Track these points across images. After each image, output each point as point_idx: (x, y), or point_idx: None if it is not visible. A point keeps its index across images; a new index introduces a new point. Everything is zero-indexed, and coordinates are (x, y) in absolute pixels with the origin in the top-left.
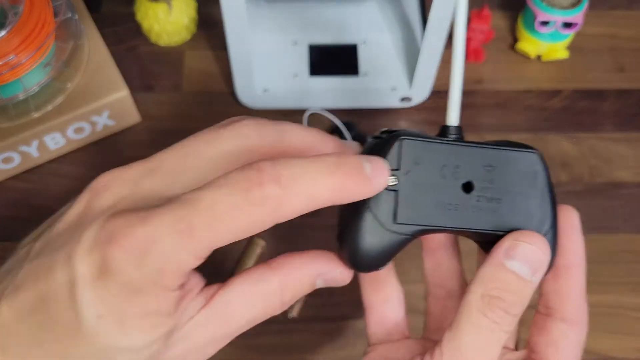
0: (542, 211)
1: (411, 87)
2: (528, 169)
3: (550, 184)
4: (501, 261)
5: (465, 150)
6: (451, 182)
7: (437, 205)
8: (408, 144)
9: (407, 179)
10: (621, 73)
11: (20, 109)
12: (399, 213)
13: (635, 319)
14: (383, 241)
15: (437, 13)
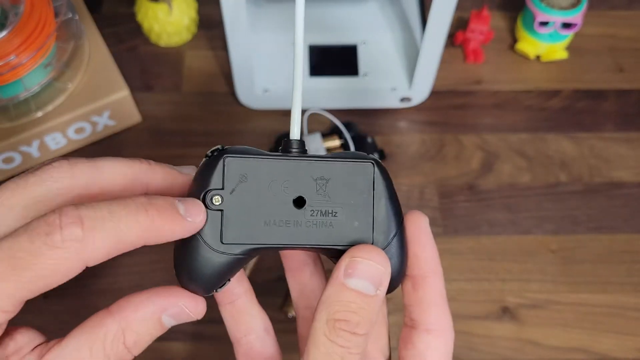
0: (384, 221)
1: (411, 88)
2: (364, 180)
3: (391, 192)
4: (341, 281)
5: (296, 164)
6: (281, 197)
7: (266, 222)
8: (232, 161)
9: (233, 198)
10: (621, 73)
11: (21, 109)
12: (225, 233)
13: (635, 319)
14: (213, 263)
15: (436, 14)
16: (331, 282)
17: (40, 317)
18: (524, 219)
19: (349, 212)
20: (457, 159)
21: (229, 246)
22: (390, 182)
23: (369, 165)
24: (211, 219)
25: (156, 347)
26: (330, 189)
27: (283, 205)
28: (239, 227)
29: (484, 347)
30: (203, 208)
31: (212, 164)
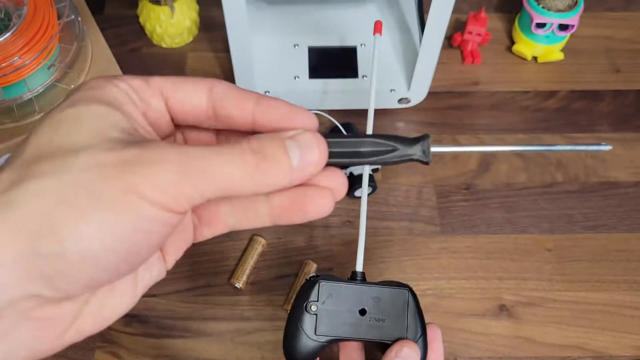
0: (414, 326)
1: (409, 89)
2: (401, 299)
3: (418, 309)
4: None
5: (361, 289)
6: (352, 308)
7: (342, 323)
8: (324, 284)
9: (323, 307)
10: (617, 74)
11: (25, 109)
12: (318, 328)
13: (631, 317)
14: (307, 346)
15: (434, 16)
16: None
17: None
18: (521, 218)
19: (393, 319)
20: (454, 159)
21: (320, 337)
22: (418, 301)
23: (405, 291)
24: (310, 319)
25: (157, 344)
26: (381, 304)
27: (352, 313)
28: (326, 325)
29: (481, 344)
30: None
31: (312, 285)
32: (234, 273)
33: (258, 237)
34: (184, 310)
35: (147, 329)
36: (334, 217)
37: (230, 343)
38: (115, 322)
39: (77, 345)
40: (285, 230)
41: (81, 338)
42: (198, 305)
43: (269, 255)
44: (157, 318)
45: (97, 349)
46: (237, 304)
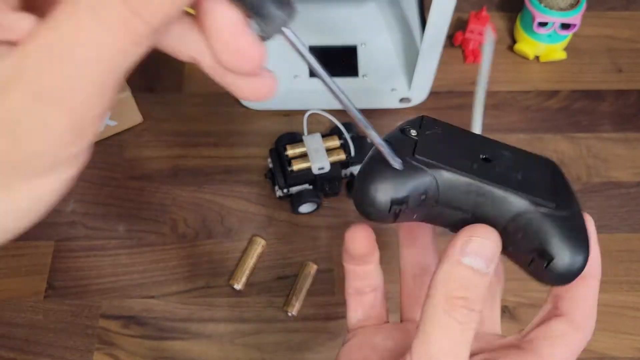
0: (565, 196)
1: (410, 88)
2: (545, 169)
3: (569, 185)
4: (457, 258)
5: (487, 141)
6: (470, 151)
7: (456, 156)
8: (429, 120)
9: (427, 136)
10: (619, 74)
11: None
12: (418, 149)
13: (633, 317)
14: (399, 172)
15: (436, 15)
16: (446, 259)
17: (42, 316)
18: None
19: (532, 179)
20: None
21: (419, 160)
22: (568, 181)
23: (551, 162)
24: (408, 142)
25: (156, 346)
26: (515, 160)
27: (472, 153)
28: (430, 151)
29: None
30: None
31: (410, 121)
32: (234, 274)
33: (258, 238)
34: (183, 312)
35: (145, 330)
36: (335, 217)
37: (230, 345)
38: (114, 324)
39: (75, 347)
40: (285, 231)
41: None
42: (197, 307)
43: (268, 256)
44: (156, 320)
45: (96, 350)
46: (237, 306)
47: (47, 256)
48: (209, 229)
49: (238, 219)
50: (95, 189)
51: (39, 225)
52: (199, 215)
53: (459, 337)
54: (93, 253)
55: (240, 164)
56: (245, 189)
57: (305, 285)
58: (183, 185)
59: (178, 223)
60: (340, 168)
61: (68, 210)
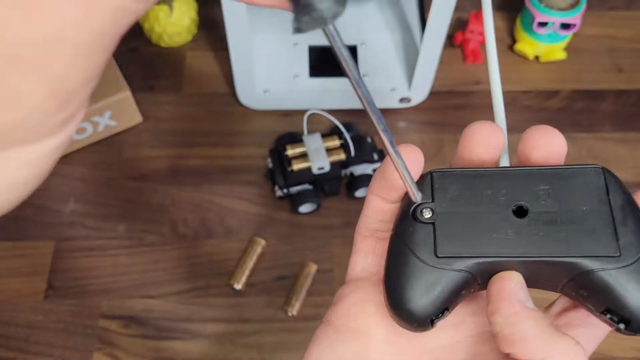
0: (630, 231)
1: (410, 88)
2: (594, 187)
3: (631, 199)
4: (511, 299)
5: (510, 175)
6: (499, 208)
7: (484, 233)
8: (441, 175)
9: (445, 211)
10: (620, 73)
11: None
12: (440, 246)
13: None
14: (427, 280)
15: (435, 15)
16: (496, 294)
17: (42, 316)
18: None
19: (582, 221)
20: None
21: (445, 260)
22: (626, 188)
23: (597, 170)
24: (424, 233)
25: (156, 346)
26: (555, 198)
27: (502, 215)
28: (454, 240)
29: None
30: None
31: (420, 180)
32: (234, 274)
33: (257, 238)
34: (182, 312)
35: (145, 330)
36: (334, 218)
37: (230, 345)
38: (114, 323)
39: (75, 347)
40: (285, 231)
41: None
42: (197, 307)
43: (268, 256)
44: (156, 319)
45: (96, 350)
46: (237, 306)
47: (47, 256)
48: (208, 229)
49: (238, 219)
50: (95, 189)
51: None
52: (198, 216)
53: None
54: (93, 253)
55: (240, 164)
56: (245, 189)
57: (305, 285)
58: (183, 185)
59: (178, 223)
60: (340, 168)
61: (68, 210)
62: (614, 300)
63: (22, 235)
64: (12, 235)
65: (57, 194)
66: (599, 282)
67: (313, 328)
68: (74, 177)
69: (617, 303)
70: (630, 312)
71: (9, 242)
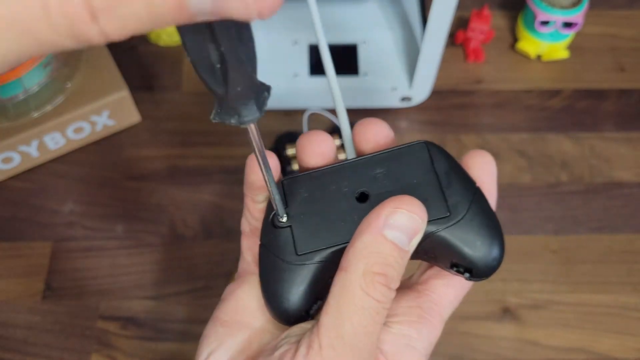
0: (456, 191)
1: (411, 87)
2: (421, 161)
3: (454, 164)
4: (380, 231)
5: (349, 167)
6: (343, 199)
7: (335, 224)
8: (289, 181)
9: (298, 213)
10: (622, 73)
11: (20, 109)
12: (298, 245)
13: (636, 319)
14: (294, 278)
15: (437, 13)
16: (368, 229)
17: (40, 317)
18: (525, 219)
19: (415, 193)
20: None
21: (306, 256)
22: (449, 155)
23: (422, 145)
24: (283, 237)
25: (154, 347)
26: (390, 178)
27: (347, 205)
28: (310, 237)
29: (484, 347)
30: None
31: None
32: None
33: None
34: (181, 313)
35: (144, 332)
36: None
37: None
38: (112, 325)
39: (73, 348)
40: None
41: None
42: (196, 308)
43: None
44: (154, 321)
45: (94, 352)
46: None
47: (45, 257)
48: (208, 229)
49: (237, 220)
50: (93, 189)
51: (37, 225)
52: (197, 216)
53: (375, 316)
54: (91, 254)
55: (239, 163)
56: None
57: None
58: (182, 185)
59: (177, 223)
60: None
61: (66, 210)
62: (454, 254)
63: (20, 235)
64: (10, 236)
65: (54, 194)
66: (439, 241)
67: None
68: (71, 177)
69: (458, 256)
70: (469, 261)
71: (6, 243)
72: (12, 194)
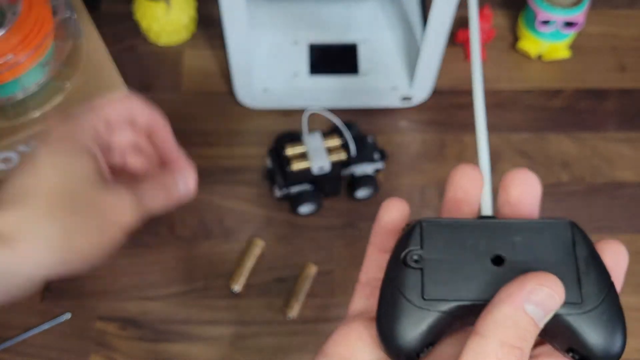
0: (591, 281)
1: (411, 87)
2: (563, 239)
3: (594, 253)
4: (522, 303)
5: (491, 226)
6: (479, 256)
7: (466, 279)
8: (429, 224)
9: (432, 258)
10: (623, 73)
11: (19, 108)
12: (426, 289)
13: (636, 319)
14: (415, 320)
15: (437, 12)
16: (509, 300)
17: (40, 317)
18: None
19: (551, 270)
20: (458, 158)
21: (431, 302)
22: (591, 242)
23: (566, 224)
24: (413, 278)
25: (153, 348)
26: (529, 248)
27: (482, 263)
28: (439, 284)
29: None
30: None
31: (411, 228)
32: (232, 276)
33: (256, 239)
34: (180, 314)
35: (143, 332)
36: (335, 218)
37: (229, 347)
38: (111, 325)
39: (72, 349)
40: (285, 232)
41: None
42: (195, 309)
43: (267, 257)
44: (153, 322)
45: (93, 353)
46: (236, 307)
47: None
48: (207, 229)
49: (236, 220)
50: None
51: None
52: (196, 216)
53: None
54: None
55: (238, 163)
56: (243, 189)
57: (304, 286)
58: None
59: (176, 224)
60: (340, 168)
61: None
62: (576, 341)
63: None
64: None
65: None
66: (564, 324)
67: (313, 330)
68: None
69: (578, 343)
70: (589, 351)
71: None
72: None
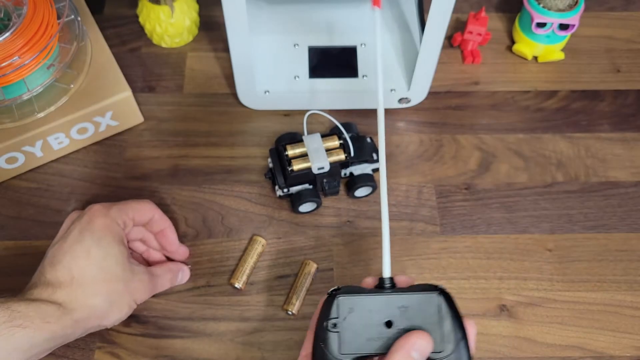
0: (452, 332)
1: (409, 89)
2: (434, 305)
3: (454, 311)
4: (409, 352)
5: (385, 298)
6: (376, 321)
7: (368, 339)
8: (343, 300)
9: (345, 323)
10: (617, 74)
11: (24, 109)
12: (342, 347)
13: (631, 316)
14: None
15: (435, 15)
16: (401, 349)
17: None
18: (521, 218)
19: (424, 329)
20: (454, 159)
21: (346, 355)
22: (452, 303)
23: (434, 295)
24: (333, 338)
25: (156, 344)
26: (409, 314)
27: (378, 326)
28: (351, 343)
29: (481, 344)
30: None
31: (330, 302)
32: (234, 273)
33: (258, 237)
34: (183, 311)
35: (146, 329)
36: (334, 217)
37: (230, 343)
38: None
39: (76, 345)
40: (285, 231)
41: None
42: (198, 306)
43: (268, 255)
44: (157, 318)
45: (97, 349)
46: (237, 304)
47: None
48: (209, 228)
49: (238, 219)
50: (95, 189)
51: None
52: (199, 215)
53: None
54: None
55: (240, 163)
56: (245, 188)
57: (305, 284)
58: (183, 185)
59: (179, 222)
60: (340, 168)
61: (70, 210)
62: None
63: (24, 234)
64: (14, 235)
65: (58, 193)
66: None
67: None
68: (75, 177)
69: None
70: None
71: (10, 242)
72: (16, 193)
